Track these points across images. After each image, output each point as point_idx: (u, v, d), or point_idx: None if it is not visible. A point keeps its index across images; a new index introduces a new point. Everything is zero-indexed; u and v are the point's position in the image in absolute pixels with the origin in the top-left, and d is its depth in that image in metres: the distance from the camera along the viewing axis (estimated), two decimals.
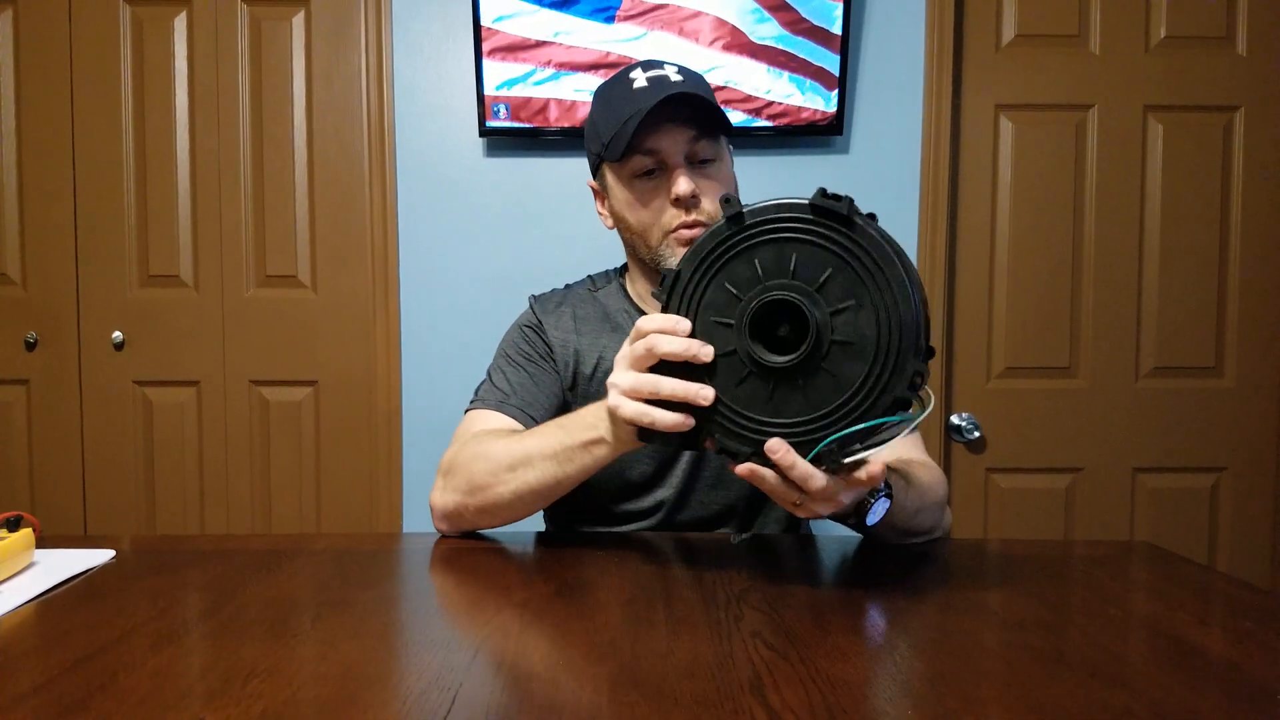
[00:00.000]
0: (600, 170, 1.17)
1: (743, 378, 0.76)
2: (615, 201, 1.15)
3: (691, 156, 1.09)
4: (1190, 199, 2.11)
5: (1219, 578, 0.92)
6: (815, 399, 0.74)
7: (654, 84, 1.08)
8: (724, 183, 1.11)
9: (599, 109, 1.15)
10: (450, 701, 0.56)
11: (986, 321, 2.13)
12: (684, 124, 1.07)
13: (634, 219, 1.12)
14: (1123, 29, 2.08)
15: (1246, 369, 2.13)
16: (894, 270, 0.72)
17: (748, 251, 0.76)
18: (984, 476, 2.15)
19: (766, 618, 0.73)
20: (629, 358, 0.82)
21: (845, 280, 0.74)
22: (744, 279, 0.77)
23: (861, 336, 0.73)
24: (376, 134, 2.09)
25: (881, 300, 0.73)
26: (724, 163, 1.13)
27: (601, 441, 0.91)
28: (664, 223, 1.09)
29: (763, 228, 0.76)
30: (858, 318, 0.73)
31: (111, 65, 2.10)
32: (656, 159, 1.08)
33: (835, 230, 0.74)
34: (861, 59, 2.07)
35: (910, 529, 0.98)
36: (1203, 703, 0.57)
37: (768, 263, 0.76)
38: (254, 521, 2.16)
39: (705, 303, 0.78)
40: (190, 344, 2.14)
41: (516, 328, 1.25)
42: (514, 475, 0.98)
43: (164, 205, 2.12)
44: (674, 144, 1.07)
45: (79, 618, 0.73)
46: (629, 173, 1.11)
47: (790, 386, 0.75)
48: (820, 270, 0.74)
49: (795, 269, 0.75)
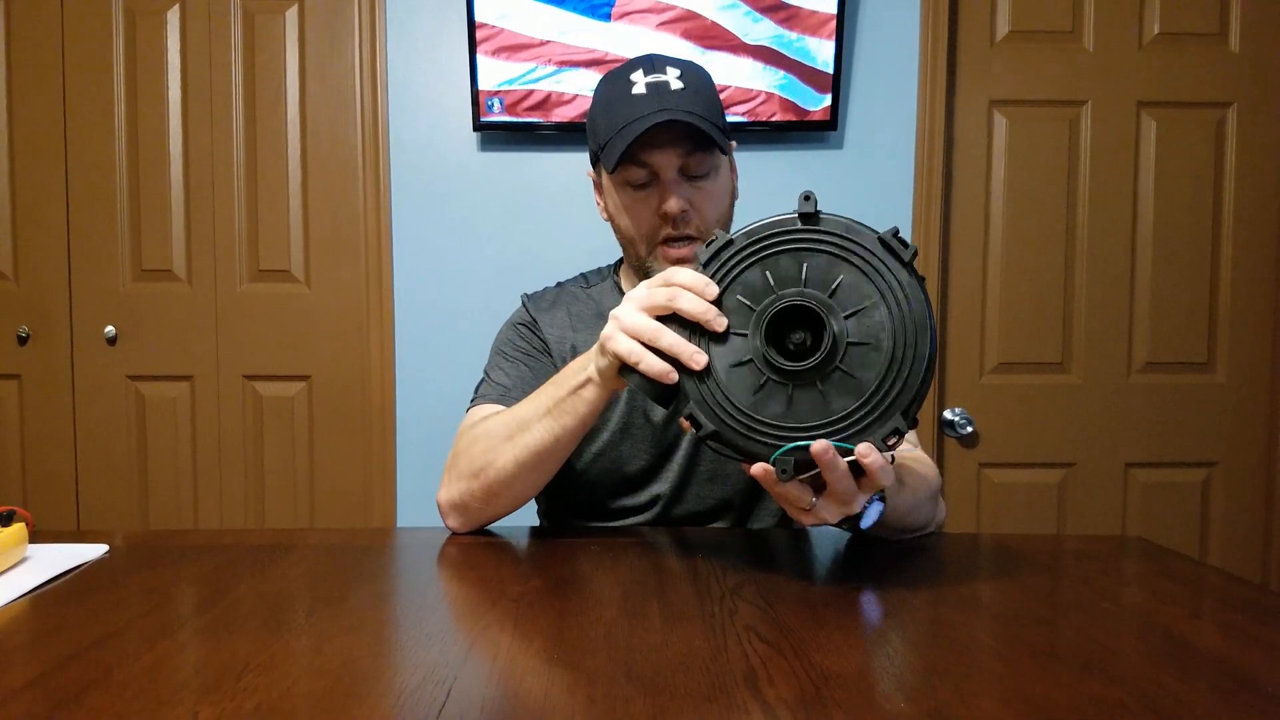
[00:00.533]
0: (598, 166, 1.17)
1: (760, 385, 0.76)
2: (609, 201, 1.15)
3: (685, 170, 1.08)
4: (1183, 195, 2.12)
5: (1211, 572, 0.93)
6: (836, 403, 0.75)
7: (652, 91, 1.06)
8: (719, 195, 1.11)
9: (598, 107, 1.14)
10: (445, 696, 0.56)
11: (980, 316, 2.14)
12: (679, 134, 1.06)
13: (624, 225, 1.12)
14: (1116, 25, 2.09)
15: (1238, 365, 2.14)
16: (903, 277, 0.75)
17: (762, 262, 0.78)
18: (977, 471, 2.16)
19: (760, 612, 0.73)
20: (643, 300, 0.82)
21: (856, 283, 0.75)
22: (758, 287, 0.78)
23: (877, 337, 0.74)
24: (370, 128, 2.08)
25: (894, 300, 0.74)
26: (720, 174, 1.12)
27: (589, 382, 0.91)
28: (653, 235, 1.09)
29: (807, 237, 0.79)
30: (872, 320, 0.75)
31: (104, 59, 2.09)
32: (649, 172, 1.08)
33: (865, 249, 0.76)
34: (855, 55, 2.07)
35: (904, 526, 0.98)
36: (1195, 695, 0.57)
37: (780, 272, 0.77)
38: (247, 516, 2.16)
39: (725, 306, 0.79)
40: (183, 338, 2.13)
41: (510, 326, 1.24)
42: (512, 444, 0.98)
43: (157, 199, 2.11)
44: (667, 159, 1.07)
45: (73, 612, 0.73)
46: (621, 179, 1.10)
47: (809, 391, 0.75)
48: (832, 277, 0.76)
49: (807, 277, 0.76)
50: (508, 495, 1.01)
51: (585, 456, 1.15)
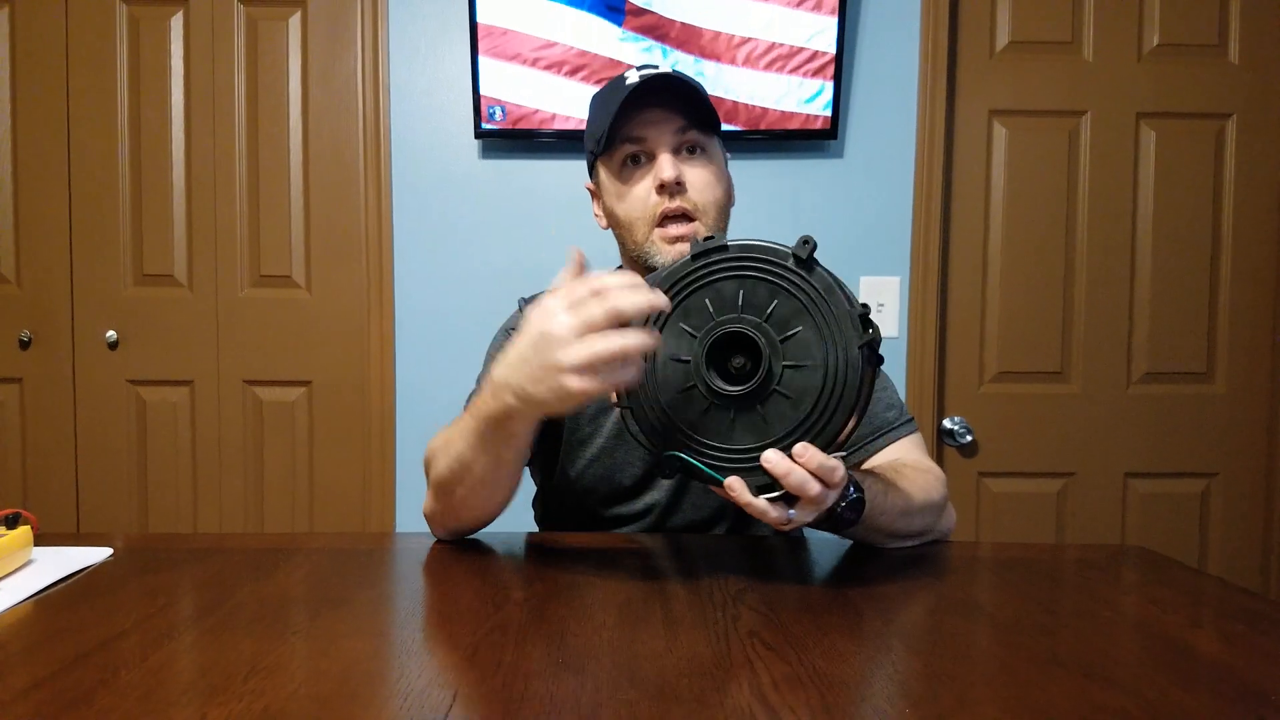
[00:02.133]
0: (595, 169, 1.17)
1: (704, 409, 0.80)
2: (607, 196, 1.15)
3: (678, 147, 1.09)
4: (1182, 206, 2.12)
5: (1212, 581, 0.93)
6: (774, 423, 0.79)
7: (645, 78, 1.08)
8: (712, 178, 1.11)
9: (593, 109, 1.16)
10: (451, 699, 0.57)
11: (979, 326, 2.14)
12: (670, 110, 1.08)
13: (621, 211, 1.12)
14: (1116, 36, 2.10)
15: (1237, 375, 2.15)
16: (834, 297, 0.78)
17: (705, 289, 0.81)
18: (976, 480, 2.16)
19: (763, 618, 0.74)
20: (581, 326, 0.76)
21: (790, 309, 0.79)
22: (698, 313, 0.81)
23: (810, 358, 0.78)
24: (372, 134, 2.09)
25: (825, 323, 0.77)
26: (714, 158, 1.13)
27: (518, 416, 0.85)
28: (649, 210, 1.09)
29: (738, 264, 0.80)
30: (806, 341, 0.78)
31: (107, 64, 2.10)
32: (643, 147, 1.09)
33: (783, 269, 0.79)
34: (856, 64, 2.08)
35: (896, 531, 0.98)
36: (1196, 704, 0.58)
37: (718, 299, 0.80)
38: (247, 521, 2.16)
39: (667, 337, 0.81)
40: (184, 343, 2.13)
41: (503, 331, 1.24)
42: (460, 475, 0.94)
43: (159, 204, 2.12)
44: (660, 132, 1.08)
45: (78, 614, 0.73)
46: (617, 163, 1.11)
47: (750, 413, 0.79)
48: (767, 302, 0.79)
49: (743, 304, 0.80)
50: (470, 514, 0.99)
51: (578, 465, 1.15)
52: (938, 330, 2.11)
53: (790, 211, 2.10)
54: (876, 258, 2.10)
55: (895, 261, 2.10)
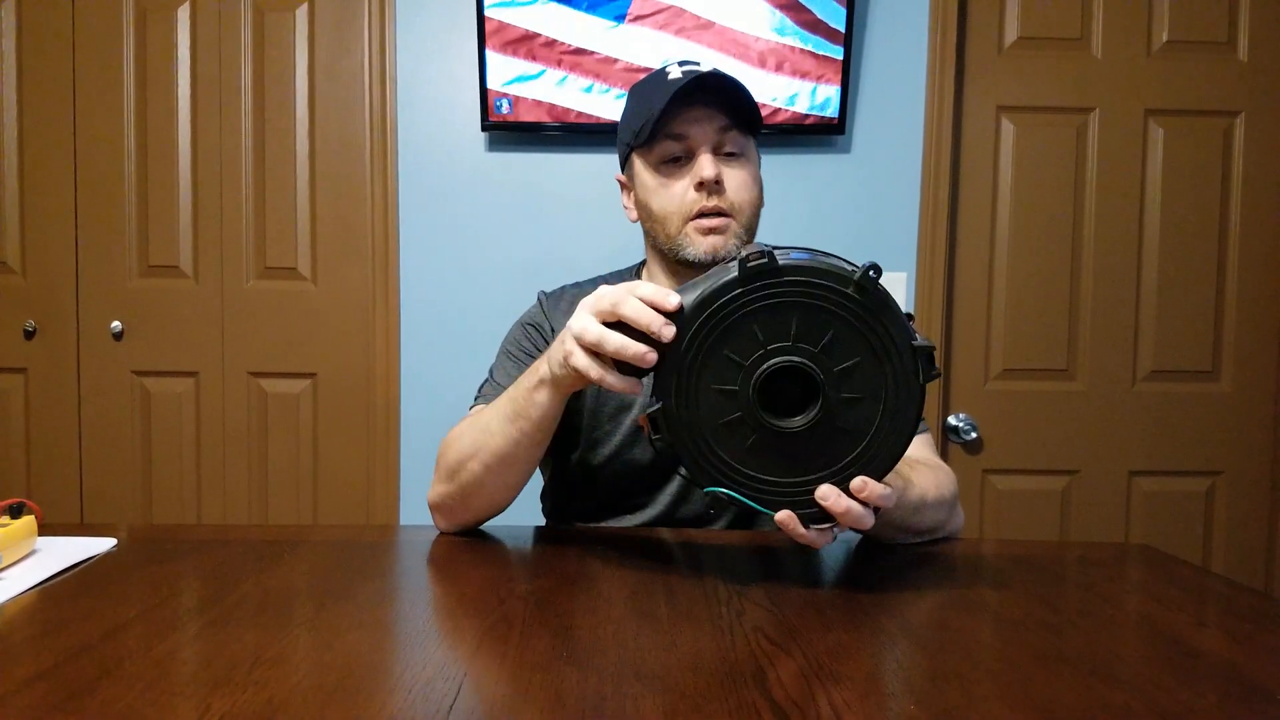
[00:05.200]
0: (629, 161, 1.17)
1: (750, 442, 0.76)
2: (641, 189, 1.15)
3: (718, 147, 1.10)
4: (1190, 203, 2.12)
5: (1216, 580, 0.93)
6: (829, 456, 0.76)
7: (689, 75, 1.08)
8: (749, 180, 1.12)
9: (632, 102, 1.17)
10: (456, 691, 0.57)
11: (985, 323, 2.14)
12: (714, 109, 1.09)
13: (656, 205, 1.13)
14: (1125, 33, 2.09)
15: (1243, 374, 2.14)
16: (897, 328, 0.74)
17: (754, 314, 0.75)
18: (981, 477, 2.16)
19: (768, 613, 0.74)
20: (592, 305, 0.80)
21: (848, 337, 0.75)
22: (746, 343, 0.75)
23: (868, 391, 0.75)
24: (378, 127, 2.09)
25: (885, 355, 0.74)
26: (751, 161, 1.14)
27: (542, 384, 0.91)
28: (685, 207, 1.10)
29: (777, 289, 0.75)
30: (864, 373, 0.75)
31: (114, 55, 2.10)
32: (684, 145, 1.10)
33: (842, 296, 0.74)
34: (864, 60, 2.08)
35: (908, 526, 0.98)
36: (1201, 702, 0.57)
37: (769, 327, 0.75)
38: (250, 513, 2.16)
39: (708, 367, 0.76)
40: (189, 335, 2.14)
41: (519, 325, 1.25)
42: (478, 447, 0.98)
43: (165, 196, 2.12)
44: (702, 131, 1.09)
45: (82, 605, 0.74)
46: (656, 158, 1.12)
47: (801, 446, 0.76)
48: (823, 331, 0.74)
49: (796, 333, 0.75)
50: (481, 499, 1.01)
51: (599, 458, 1.15)
52: (944, 326, 2.11)
53: (797, 206, 2.09)
54: (883, 253, 2.09)
55: (902, 257, 2.10)
